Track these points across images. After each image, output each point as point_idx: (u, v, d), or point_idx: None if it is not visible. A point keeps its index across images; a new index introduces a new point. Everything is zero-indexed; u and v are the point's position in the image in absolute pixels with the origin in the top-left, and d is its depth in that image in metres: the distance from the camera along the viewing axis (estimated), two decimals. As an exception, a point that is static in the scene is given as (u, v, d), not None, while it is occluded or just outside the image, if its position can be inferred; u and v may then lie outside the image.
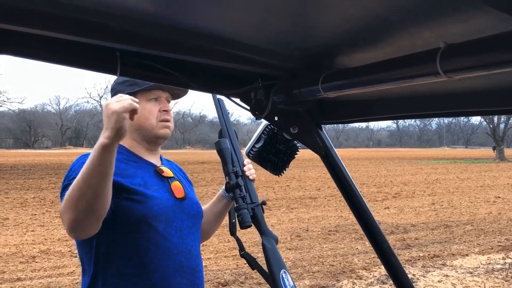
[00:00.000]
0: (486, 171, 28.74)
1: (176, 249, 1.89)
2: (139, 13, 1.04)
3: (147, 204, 1.84)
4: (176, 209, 1.94)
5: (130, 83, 2.00)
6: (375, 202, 15.25)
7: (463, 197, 16.45)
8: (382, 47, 1.09)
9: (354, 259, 8.11)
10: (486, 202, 15.21)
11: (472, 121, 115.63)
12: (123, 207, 1.81)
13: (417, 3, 0.85)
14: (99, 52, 1.28)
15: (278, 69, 1.40)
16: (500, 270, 7.59)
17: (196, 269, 1.97)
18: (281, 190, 18.11)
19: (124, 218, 1.82)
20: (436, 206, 14.43)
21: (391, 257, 1.67)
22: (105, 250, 1.86)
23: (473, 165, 35.28)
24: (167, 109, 2.01)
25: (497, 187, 19.59)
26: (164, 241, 1.87)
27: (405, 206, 14.50)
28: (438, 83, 0.95)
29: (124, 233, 1.84)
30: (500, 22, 0.79)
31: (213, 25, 1.12)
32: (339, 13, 0.98)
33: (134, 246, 1.84)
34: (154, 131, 1.99)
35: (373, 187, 19.81)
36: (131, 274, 1.84)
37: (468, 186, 20.07)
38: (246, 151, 1.69)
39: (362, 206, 1.65)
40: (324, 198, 15.65)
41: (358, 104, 1.54)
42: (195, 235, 2.02)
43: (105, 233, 1.85)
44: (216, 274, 7.19)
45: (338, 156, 1.65)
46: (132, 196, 1.82)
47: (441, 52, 0.83)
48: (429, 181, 22.42)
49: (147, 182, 1.91)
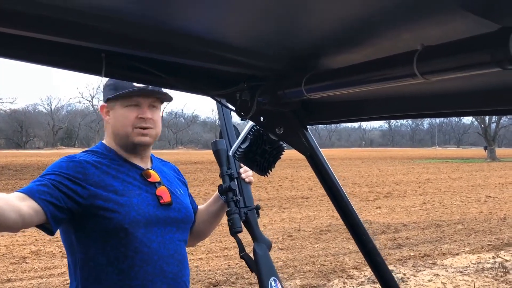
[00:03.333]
0: (477, 171, 28.90)
1: (156, 255, 1.88)
2: (125, 14, 1.04)
3: (123, 211, 1.82)
4: (160, 214, 1.92)
5: (111, 88, 1.98)
6: (367, 201, 15.30)
7: (454, 197, 16.54)
8: (364, 49, 1.10)
9: (345, 258, 8.14)
10: (477, 202, 15.30)
11: (463, 121, 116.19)
12: (99, 215, 1.81)
13: (397, 6, 0.86)
14: (84, 53, 1.27)
15: (263, 71, 1.41)
16: (490, 269, 7.64)
17: (179, 274, 1.95)
18: (273, 190, 18.13)
19: (101, 225, 1.82)
20: (427, 206, 14.50)
21: (376, 257, 1.68)
22: (84, 256, 1.85)
23: (465, 165, 35.46)
24: (144, 116, 1.95)
25: (488, 187, 19.70)
26: (143, 247, 1.85)
27: (396, 205, 14.56)
28: (420, 85, 0.96)
29: (102, 240, 1.83)
30: (475, 25, 0.80)
31: (198, 26, 1.13)
32: (322, 16, 0.98)
33: (112, 253, 1.83)
34: (130, 138, 1.96)
35: (365, 186, 19.87)
36: (110, 280, 1.84)
37: (459, 186, 20.17)
38: (232, 151, 1.70)
39: (347, 206, 1.66)
40: (316, 198, 15.68)
41: (343, 105, 1.55)
42: (179, 240, 2.00)
43: (83, 240, 1.85)
44: (208, 274, 7.19)
45: (324, 156, 1.66)
46: (107, 205, 1.82)
47: (418, 54, 0.84)
48: (420, 181, 22.52)
49: (126, 188, 1.89)
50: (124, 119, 1.96)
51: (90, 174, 1.85)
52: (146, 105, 1.97)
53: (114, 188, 1.87)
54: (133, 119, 1.95)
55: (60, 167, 1.84)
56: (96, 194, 1.82)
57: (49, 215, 1.72)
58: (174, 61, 1.35)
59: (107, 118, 2.02)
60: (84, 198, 1.80)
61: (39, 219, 1.72)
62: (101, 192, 1.83)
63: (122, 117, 1.96)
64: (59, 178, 1.79)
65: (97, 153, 1.98)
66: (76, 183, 1.81)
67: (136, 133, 1.96)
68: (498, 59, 0.73)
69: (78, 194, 1.80)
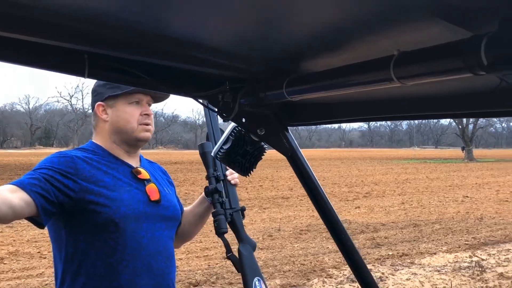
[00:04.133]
0: (455, 171, 29.27)
1: (145, 251, 1.91)
2: (108, 16, 1.06)
3: (113, 206, 1.85)
4: (149, 211, 1.95)
5: (111, 86, 2.01)
6: (346, 201, 15.41)
7: (432, 197, 16.73)
8: (343, 53, 1.13)
9: (324, 258, 8.20)
10: (455, 202, 15.50)
11: (442, 122, 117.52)
12: (89, 210, 1.83)
13: (374, 13, 0.89)
14: (66, 54, 1.28)
15: (245, 73, 1.43)
16: (466, 268, 7.76)
17: (166, 271, 1.98)
18: (253, 190, 18.16)
19: (91, 219, 1.84)
20: (405, 206, 14.65)
21: (354, 255, 1.71)
22: (73, 250, 1.87)
23: (443, 165, 35.88)
24: (148, 112, 2.03)
25: (465, 187, 19.97)
26: (132, 242, 1.88)
27: (375, 205, 14.69)
28: (396, 88, 0.99)
29: (92, 234, 1.85)
30: (449, 32, 0.83)
31: (182, 29, 1.15)
32: (302, 21, 1.01)
33: (102, 247, 1.86)
34: (135, 134, 2.01)
35: (345, 186, 20.00)
36: (98, 274, 1.85)
37: (437, 186, 20.42)
38: (214, 152, 1.72)
39: (327, 206, 1.69)
40: (297, 198, 15.75)
41: (323, 107, 1.58)
42: (168, 237, 2.03)
43: (73, 234, 1.87)
44: (188, 274, 7.19)
45: (304, 157, 1.69)
46: (97, 199, 1.84)
47: (395, 59, 0.88)
48: (399, 181, 22.74)
49: (116, 184, 1.92)
50: (130, 116, 2.00)
51: (81, 169, 1.87)
52: (146, 103, 2.03)
53: (105, 183, 1.89)
54: (139, 116, 2.01)
55: (52, 162, 1.86)
56: (87, 188, 1.84)
57: (40, 207, 1.73)
58: (157, 63, 1.36)
59: (104, 116, 2.04)
60: (75, 192, 1.82)
61: (30, 211, 1.73)
62: (92, 187, 1.85)
63: (128, 114, 2.01)
64: (50, 172, 1.81)
65: (87, 150, 2.01)
66: (67, 177, 1.83)
67: (141, 129, 2.02)
68: (470, 65, 0.76)
69: (69, 188, 1.82)
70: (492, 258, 8.32)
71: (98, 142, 2.05)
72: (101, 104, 2.04)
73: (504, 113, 1.06)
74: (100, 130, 2.06)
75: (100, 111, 2.04)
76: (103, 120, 2.04)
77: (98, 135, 2.07)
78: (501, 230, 10.74)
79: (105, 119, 2.03)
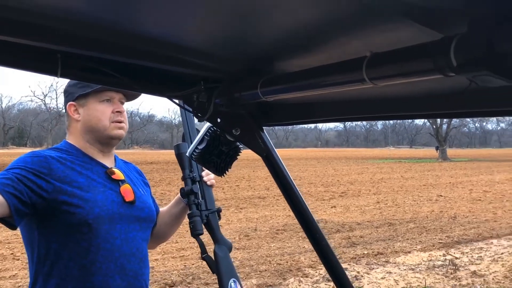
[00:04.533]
0: (429, 171, 29.65)
1: (118, 252, 1.89)
2: (81, 15, 1.05)
3: (87, 207, 1.84)
4: (123, 212, 1.94)
5: (82, 85, 2.00)
6: (322, 201, 15.50)
7: (407, 196, 16.93)
8: (317, 54, 1.14)
9: (300, 257, 8.23)
10: (429, 201, 15.70)
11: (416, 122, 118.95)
12: (63, 210, 1.81)
13: (347, 15, 0.90)
14: (39, 53, 1.27)
15: (220, 73, 1.43)
16: (440, 266, 7.87)
17: (139, 272, 1.97)
18: (230, 190, 18.14)
19: (64, 220, 1.82)
20: (380, 205, 14.80)
21: (329, 254, 1.73)
22: (46, 251, 1.85)
23: (417, 165, 36.32)
24: (120, 110, 2.02)
25: (439, 186, 20.24)
26: (106, 243, 1.87)
27: (351, 204, 14.80)
28: (370, 89, 1.00)
29: (65, 235, 1.84)
30: (420, 34, 0.85)
31: (156, 29, 1.14)
32: (276, 22, 1.02)
33: (75, 248, 1.84)
34: (107, 132, 2.00)
35: (321, 186, 20.11)
36: (71, 275, 1.84)
37: (411, 185, 20.65)
38: (189, 152, 1.71)
39: (302, 206, 1.70)
40: (273, 198, 15.78)
41: (298, 107, 1.59)
42: (142, 238, 2.02)
43: (46, 235, 1.85)
44: (163, 275, 7.16)
45: (279, 157, 1.69)
46: (71, 200, 1.82)
47: (367, 60, 0.88)
48: (374, 180, 22.95)
49: (91, 184, 1.91)
50: (101, 114, 1.99)
51: (55, 169, 1.85)
52: (117, 100, 2.03)
53: (78, 184, 1.87)
54: (110, 113, 2.00)
55: (25, 161, 1.84)
56: (61, 189, 1.82)
57: (12, 208, 1.71)
58: (131, 62, 1.36)
59: (76, 116, 2.02)
60: (48, 193, 1.80)
61: (2, 212, 1.70)
62: (65, 187, 1.83)
63: (99, 112, 2.00)
64: (23, 172, 1.79)
65: (61, 150, 1.99)
66: (40, 177, 1.81)
67: (113, 126, 2.01)
68: (440, 66, 0.77)
69: (42, 188, 1.80)
70: (465, 257, 8.45)
71: (71, 142, 2.03)
72: (73, 104, 2.02)
73: (474, 114, 1.08)
74: (73, 130, 2.04)
75: (72, 111, 2.03)
76: (75, 120, 2.03)
77: (72, 135, 2.05)
78: (474, 229, 10.92)
79: (77, 118, 2.02)
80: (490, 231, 10.67)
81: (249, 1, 0.90)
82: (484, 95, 0.96)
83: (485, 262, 8.06)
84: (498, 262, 8.06)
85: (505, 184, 20.69)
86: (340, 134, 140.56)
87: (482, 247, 9.20)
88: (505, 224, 11.51)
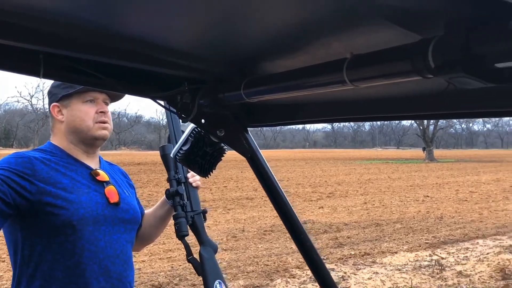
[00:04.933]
0: (416, 171, 29.82)
1: (102, 253, 1.89)
2: (64, 15, 1.04)
3: (71, 208, 1.83)
4: (108, 214, 1.93)
5: (65, 86, 2.00)
6: (310, 201, 15.54)
7: (394, 197, 17.02)
8: (299, 56, 1.15)
9: (288, 258, 8.25)
10: (416, 201, 15.79)
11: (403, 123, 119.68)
12: (47, 212, 1.81)
13: (328, 17, 0.91)
14: (22, 54, 1.26)
15: (204, 74, 1.43)
16: (427, 266, 7.92)
17: (124, 274, 1.96)
18: (218, 191, 18.13)
19: (48, 222, 1.81)
20: (368, 205, 14.86)
21: (314, 255, 1.73)
22: (30, 253, 1.84)
23: (404, 165, 36.52)
24: (104, 110, 2.01)
25: (426, 187, 20.37)
26: (90, 245, 1.86)
27: (338, 205, 14.85)
28: (353, 90, 1.01)
29: (49, 236, 1.83)
30: (400, 36, 0.85)
31: (140, 30, 1.14)
32: (259, 23, 1.02)
33: (59, 250, 1.83)
34: (91, 132, 1.99)
35: (309, 187, 20.16)
36: (55, 277, 1.83)
37: (398, 186, 20.76)
38: (173, 153, 1.71)
39: (286, 206, 1.70)
40: (261, 199, 15.79)
41: (282, 108, 1.60)
42: (127, 240, 2.01)
43: (30, 237, 1.84)
44: (150, 276, 7.14)
45: (264, 158, 1.70)
46: (55, 201, 1.81)
47: (347, 62, 0.89)
48: (362, 181, 23.04)
49: (75, 186, 1.90)
50: (85, 115, 1.99)
51: (39, 170, 1.84)
52: (101, 101, 2.02)
53: (63, 185, 1.86)
54: (94, 114, 1.99)
55: (9, 162, 1.83)
56: (45, 190, 1.81)
57: None
58: (115, 63, 1.35)
59: (60, 117, 2.02)
60: (32, 194, 1.79)
61: None
62: (50, 188, 1.82)
63: (82, 112, 1.99)
64: (7, 173, 1.78)
65: (45, 151, 1.98)
66: (24, 178, 1.79)
67: (97, 127, 2.00)
68: (418, 68, 0.78)
69: (26, 190, 1.79)
70: (452, 257, 8.52)
71: (56, 143, 2.02)
72: (56, 105, 2.02)
73: (453, 115, 1.09)
74: (57, 131, 2.04)
75: (56, 112, 2.02)
76: (59, 121, 2.02)
77: (56, 136, 2.04)
78: (460, 229, 11.00)
79: (60, 119, 2.01)
80: (476, 231, 10.76)
81: (232, 2, 0.91)
82: (462, 96, 0.97)
83: (471, 262, 8.13)
84: (484, 262, 8.13)
85: (491, 185, 20.87)
86: (328, 135, 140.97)
87: (468, 247, 9.27)
88: (490, 224, 11.61)
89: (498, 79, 0.76)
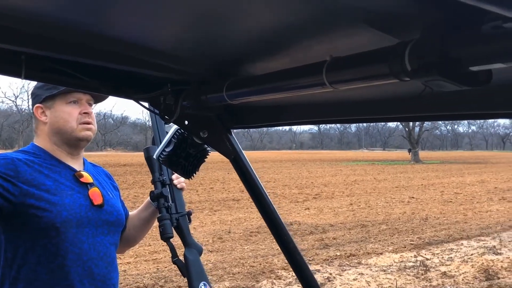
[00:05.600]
0: (401, 173, 30.00)
1: (86, 256, 1.88)
2: (46, 16, 1.04)
3: (54, 210, 1.82)
4: (91, 216, 1.92)
5: (48, 87, 1.99)
6: (296, 203, 15.57)
7: (380, 198, 17.11)
8: (281, 58, 1.16)
9: (274, 259, 8.26)
10: (401, 202, 15.89)
11: (389, 125, 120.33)
12: (30, 214, 1.79)
13: (308, 20, 0.92)
14: (3, 55, 1.25)
15: (186, 75, 1.43)
16: (411, 267, 7.97)
17: (107, 276, 1.95)
18: (204, 192, 18.10)
19: (32, 224, 1.80)
20: (354, 207, 14.92)
21: (297, 256, 1.74)
22: (13, 255, 1.83)
23: (390, 167, 36.72)
24: (87, 111, 2.00)
25: (411, 188, 20.50)
26: (73, 247, 1.85)
27: (324, 206, 14.90)
28: (333, 93, 1.02)
29: (32, 239, 1.82)
30: (378, 39, 0.87)
31: (123, 31, 1.14)
32: (241, 26, 1.03)
33: (42, 252, 1.82)
34: (74, 133, 1.98)
35: (295, 188, 20.19)
36: (39, 280, 1.82)
37: (384, 187, 20.87)
38: (156, 155, 1.70)
39: (270, 208, 1.71)
40: (247, 200, 15.77)
41: (265, 110, 1.60)
42: (110, 242, 2.00)
43: (13, 239, 1.83)
44: (136, 278, 7.11)
45: (247, 160, 1.70)
46: (38, 204, 1.80)
47: (327, 64, 0.90)
48: (348, 182, 23.13)
49: (58, 188, 1.89)
50: (68, 116, 1.98)
51: (22, 172, 1.83)
52: (85, 101, 2.01)
53: (46, 187, 1.85)
54: (77, 115, 1.98)
55: None
56: (28, 192, 1.80)
57: None
58: (97, 64, 1.35)
59: (43, 118, 2.01)
60: (15, 196, 1.78)
61: None
62: (33, 190, 1.81)
63: (66, 113, 1.98)
64: None
65: (29, 153, 1.97)
66: (7, 180, 1.78)
67: (81, 128, 1.99)
68: (395, 71, 0.79)
69: (9, 191, 1.77)
70: (436, 258, 8.58)
71: (39, 144, 2.01)
72: (40, 106, 2.01)
73: (430, 117, 1.10)
74: (41, 133, 2.02)
75: (39, 113, 2.01)
76: (42, 122, 2.01)
77: (39, 137, 2.03)
78: (445, 230, 11.09)
79: (44, 121, 2.00)
80: (461, 232, 10.86)
81: (214, 5, 0.91)
82: (439, 99, 0.98)
83: (455, 263, 8.19)
84: (468, 263, 8.20)
85: (475, 186, 21.06)
86: (315, 136, 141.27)
87: (452, 248, 9.35)
88: (475, 225, 11.72)
89: (473, 82, 0.77)
